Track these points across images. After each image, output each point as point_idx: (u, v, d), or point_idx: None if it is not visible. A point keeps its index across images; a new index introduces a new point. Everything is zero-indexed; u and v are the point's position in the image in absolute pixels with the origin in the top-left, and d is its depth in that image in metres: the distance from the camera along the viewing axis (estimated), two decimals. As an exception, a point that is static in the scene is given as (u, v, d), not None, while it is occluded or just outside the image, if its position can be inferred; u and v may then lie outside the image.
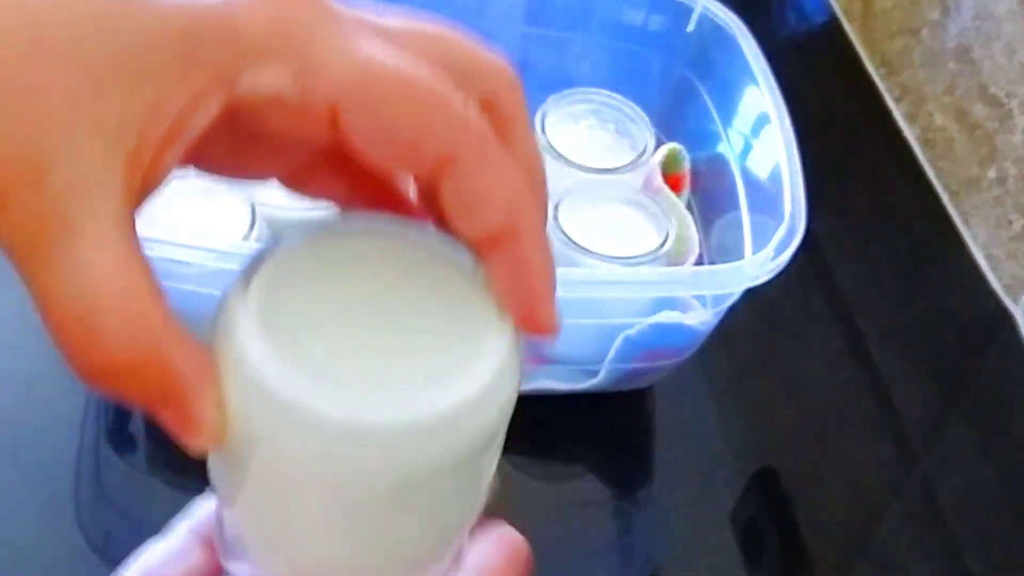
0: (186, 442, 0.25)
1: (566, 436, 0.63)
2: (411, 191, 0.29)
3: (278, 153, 0.28)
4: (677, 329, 0.58)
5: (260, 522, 0.28)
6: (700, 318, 0.58)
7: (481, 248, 0.27)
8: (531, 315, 0.27)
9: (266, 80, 0.24)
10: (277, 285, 0.26)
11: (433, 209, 0.27)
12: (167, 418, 0.25)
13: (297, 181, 0.29)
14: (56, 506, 0.56)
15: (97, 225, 0.23)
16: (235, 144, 0.27)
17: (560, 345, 0.62)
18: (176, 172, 0.25)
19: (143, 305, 0.23)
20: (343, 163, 0.27)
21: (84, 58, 0.22)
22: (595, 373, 0.60)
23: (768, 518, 0.62)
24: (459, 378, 0.25)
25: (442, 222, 0.27)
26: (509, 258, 0.27)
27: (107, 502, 0.58)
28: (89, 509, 0.57)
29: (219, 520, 0.31)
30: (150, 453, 0.60)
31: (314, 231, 0.27)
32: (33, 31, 0.22)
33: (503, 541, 0.32)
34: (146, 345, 0.23)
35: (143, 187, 0.24)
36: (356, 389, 0.24)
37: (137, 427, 0.61)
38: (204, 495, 0.32)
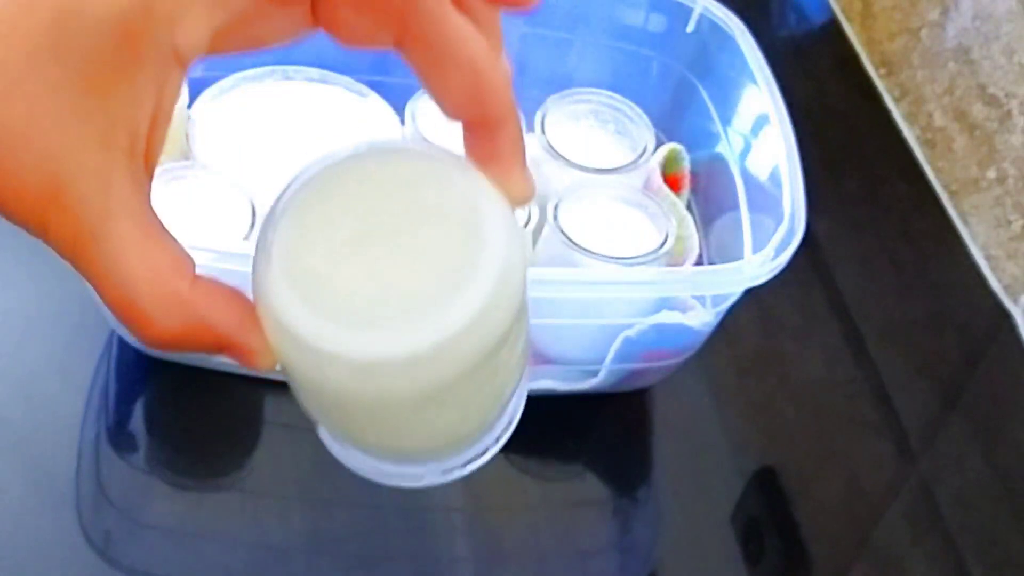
0: (254, 368, 0.29)
1: (566, 436, 0.63)
2: None
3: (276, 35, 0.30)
4: (677, 329, 0.58)
5: (314, 409, 0.32)
6: (700, 318, 0.58)
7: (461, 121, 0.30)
8: (506, 185, 0.30)
9: (196, 27, 0.27)
10: (293, 231, 0.29)
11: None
12: (230, 357, 0.29)
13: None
14: (56, 506, 0.56)
15: (115, 225, 0.26)
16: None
17: (560, 345, 0.62)
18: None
19: (171, 283, 0.27)
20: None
21: (52, 85, 0.25)
22: (595, 373, 0.60)
23: (768, 518, 0.62)
24: (463, 295, 0.28)
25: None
26: (488, 139, 0.30)
27: (107, 502, 0.58)
28: (89, 509, 0.57)
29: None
30: (150, 453, 0.60)
31: (322, 169, 0.30)
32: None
33: None
34: (184, 317, 0.27)
35: (147, 167, 0.27)
36: (373, 326, 0.28)
37: (137, 427, 0.61)
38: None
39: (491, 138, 0.30)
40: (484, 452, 0.33)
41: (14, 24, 0.25)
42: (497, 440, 0.34)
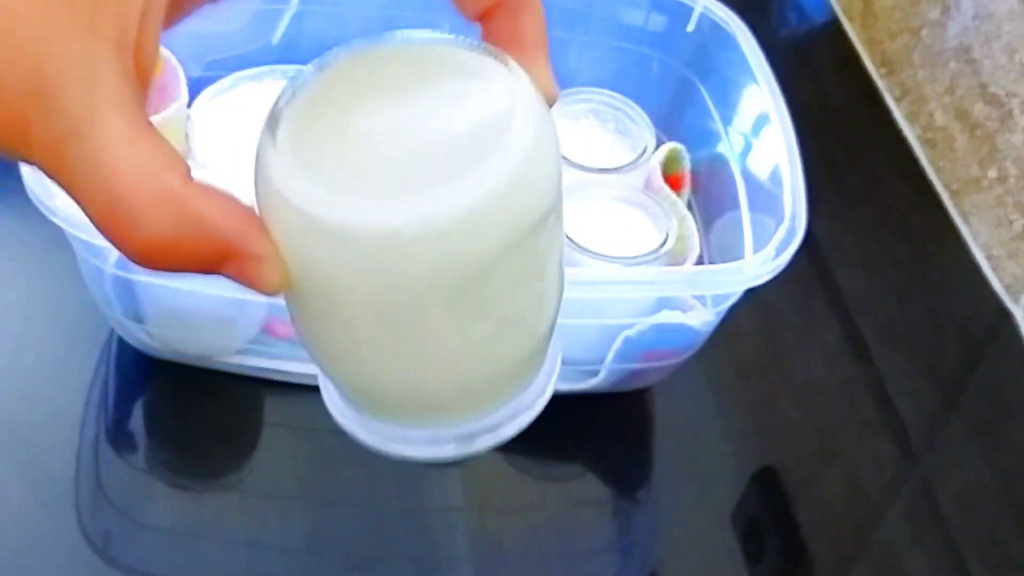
0: (259, 290, 0.26)
1: (566, 436, 0.63)
2: None
3: None
4: (677, 329, 0.58)
5: (325, 339, 0.28)
6: (700, 318, 0.58)
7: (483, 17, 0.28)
8: (531, 73, 0.28)
9: None
10: (302, 115, 0.26)
11: None
12: (232, 274, 0.26)
13: None
14: (56, 506, 0.56)
15: (102, 120, 0.24)
16: None
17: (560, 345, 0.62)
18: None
19: (162, 178, 0.24)
20: None
21: None
22: (595, 373, 0.60)
23: (768, 518, 0.62)
24: (495, 159, 0.25)
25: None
26: (509, 21, 0.28)
27: (107, 502, 0.58)
28: (89, 509, 0.57)
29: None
30: (150, 453, 0.60)
31: (329, 60, 0.28)
32: None
33: None
34: (177, 217, 0.24)
35: (139, 64, 0.25)
36: (398, 193, 0.25)
37: (137, 427, 0.61)
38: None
39: (513, 20, 0.28)
40: (519, 413, 0.30)
41: None
42: (539, 397, 0.31)
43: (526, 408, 0.30)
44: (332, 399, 0.31)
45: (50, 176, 0.25)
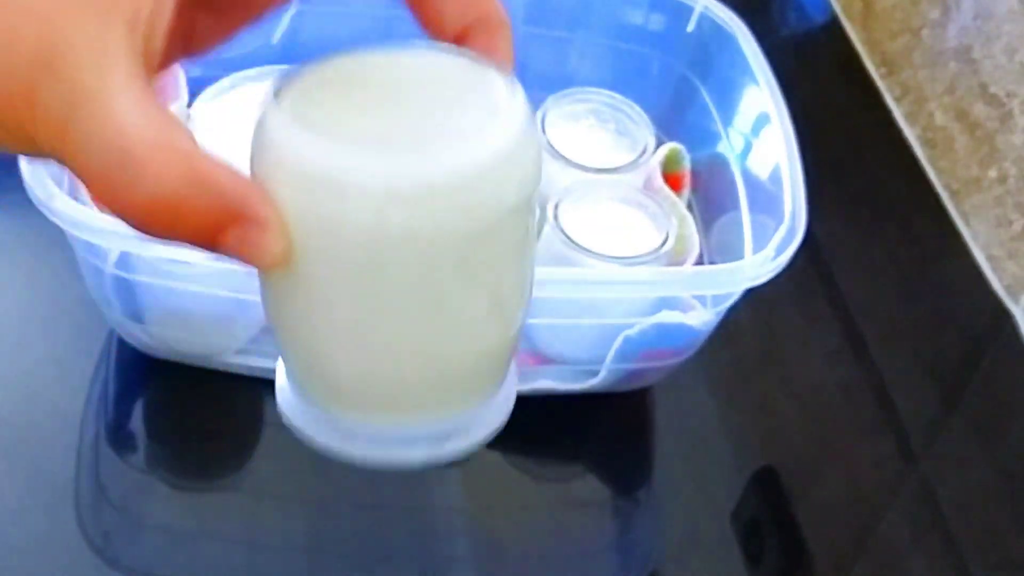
0: (261, 257, 0.26)
1: (566, 436, 0.63)
2: None
3: None
4: (677, 329, 0.58)
5: (315, 330, 0.29)
6: (700, 318, 0.58)
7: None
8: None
9: None
10: (307, 91, 0.27)
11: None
12: (233, 242, 0.25)
13: None
14: (56, 506, 0.56)
15: (112, 86, 0.24)
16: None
17: (560, 345, 0.62)
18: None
19: (170, 134, 0.25)
20: None
21: None
22: (595, 373, 0.60)
23: (768, 518, 0.62)
24: (493, 130, 0.27)
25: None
26: (483, 42, 0.30)
27: (106, 502, 0.58)
28: (89, 509, 0.57)
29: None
30: (150, 453, 0.60)
31: (333, 56, 0.29)
32: None
33: None
34: (185, 169, 0.24)
35: (147, 49, 0.26)
36: (400, 152, 0.26)
37: (137, 427, 0.61)
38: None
39: (491, 40, 0.30)
40: (486, 419, 0.31)
41: None
42: (503, 408, 0.31)
43: (493, 415, 0.31)
44: (288, 400, 0.32)
45: (50, 148, 0.25)
